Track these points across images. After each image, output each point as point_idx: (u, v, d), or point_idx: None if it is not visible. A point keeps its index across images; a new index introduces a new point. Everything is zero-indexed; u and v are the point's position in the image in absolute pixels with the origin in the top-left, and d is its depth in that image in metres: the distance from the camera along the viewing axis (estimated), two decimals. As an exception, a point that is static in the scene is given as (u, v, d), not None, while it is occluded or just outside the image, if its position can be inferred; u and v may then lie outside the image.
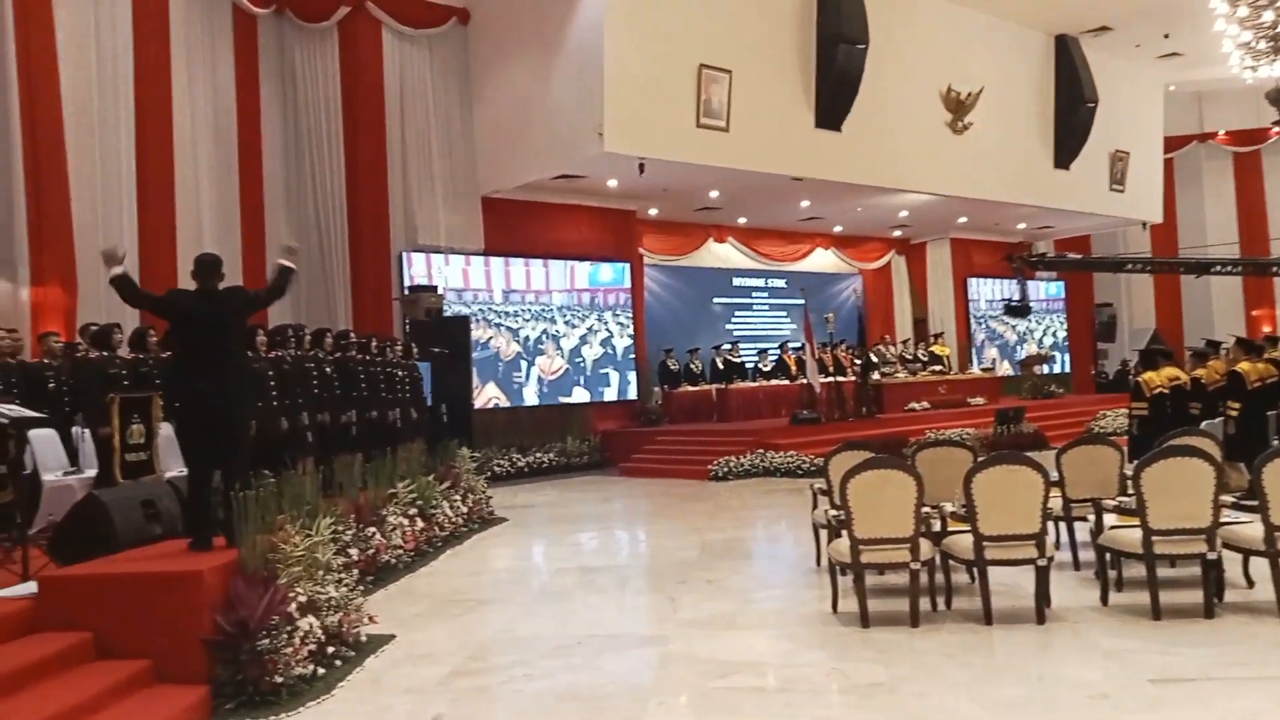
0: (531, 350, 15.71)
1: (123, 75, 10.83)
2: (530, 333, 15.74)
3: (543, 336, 15.89)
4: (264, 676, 4.35)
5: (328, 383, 8.60)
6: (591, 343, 16.43)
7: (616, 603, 6.40)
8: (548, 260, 15.94)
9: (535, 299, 15.79)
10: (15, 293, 9.14)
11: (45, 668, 4.16)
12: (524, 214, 15.54)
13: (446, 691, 4.52)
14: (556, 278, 16.07)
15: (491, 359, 15.19)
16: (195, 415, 5.13)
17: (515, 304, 15.49)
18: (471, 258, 14.93)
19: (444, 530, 8.53)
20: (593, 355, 16.44)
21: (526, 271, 15.75)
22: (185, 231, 11.52)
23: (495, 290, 15.32)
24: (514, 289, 15.55)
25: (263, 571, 4.74)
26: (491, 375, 15.15)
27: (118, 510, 5.33)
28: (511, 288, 15.53)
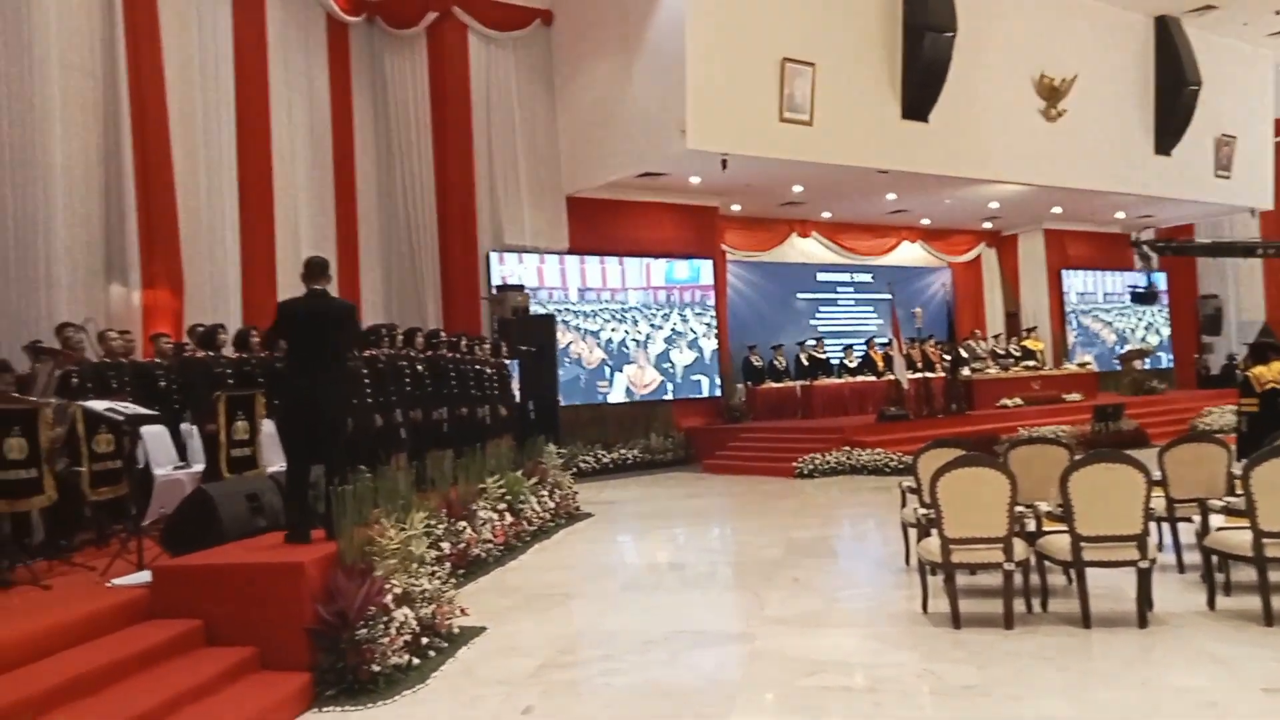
0: (616, 356, 15.76)
1: (224, 87, 11.28)
2: (612, 335, 15.80)
3: (626, 340, 15.91)
4: (362, 665, 4.50)
5: (420, 381, 8.84)
6: (679, 345, 16.43)
7: (702, 599, 6.42)
8: (629, 258, 15.97)
9: (611, 297, 15.84)
10: (128, 296, 9.61)
11: (160, 652, 4.38)
12: (607, 212, 15.66)
13: (537, 684, 4.60)
14: (634, 276, 16.09)
15: (573, 368, 15.24)
16: (298, 412, 5.32)
17: (591, 303, 15.56)
18: (547, 257, 15.06)
19: (532, 525, 8.67)
20: (683, 361, 16.42)
21: (602, 269, 15.77)
22: (283, 235, 11.95)
23: (571, 289, 15.39)
24: (589, 287, 15.61)
25: (360, 564, 4.90)
26: (574, 388, 15.21)
27: (224, 503, 5.57)
28: (587, 285, 15.60)
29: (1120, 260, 21.66)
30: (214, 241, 10.93)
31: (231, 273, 11.13)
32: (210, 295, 10.69)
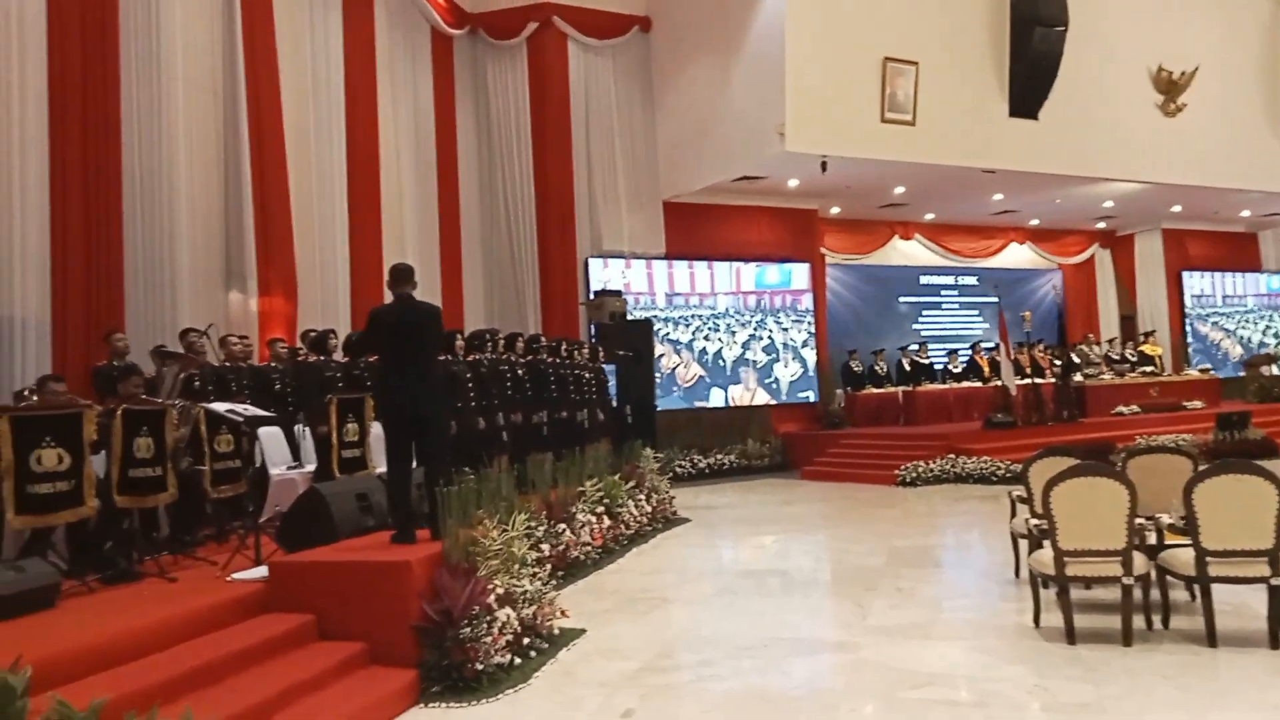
0: (712, 369, 15.68)
1: (334, 101, 11.71)
2: (706, 345, 15.73)
3: (722, 352, 15.80)
4: (466, 663, 4.59)
5: (520, 384, 8.99)
6: (774, 352, 16.28)
7: (802, 606, 6.34)
8: (724, 263, 15.91)
9: (700, 302, 15.76)
10: (245, 303, 10.06)
11: (276, 645, 4.56)
12: (704, 217, 15.66)
13: (636, 687, 4.61)
14: (728, 281, 15.99)
15: (667, 382, 15.22)
16: (398, 415, 5.47)
17: (679, 308, 15.50)
18: (638, 262, 15.10)
19: (629, 529, 8.70)
20: (780, 370, 16.28)
21: (691, 275, 15.72)
22: (390, 243, 12.33)
23: (659, 294, 15.39)
24: (677, 291, 15.57)
25: (464, 563, 5.00)
26: (671, 392, 15.19)
27: (336, 503, 5.76)
28: (675, 290, 15.55)
29: (1246, 260, 20.54)
30: (325, 249, 11.35)
31: (341, 279, 11.53)
32: (321, 301, 11.11)
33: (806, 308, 16.62)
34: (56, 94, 8.16)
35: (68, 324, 8.07)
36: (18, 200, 7.80)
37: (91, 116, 8.46)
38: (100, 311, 8.32)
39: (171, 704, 3.45)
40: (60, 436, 4.94)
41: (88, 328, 8.16)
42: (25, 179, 7.87)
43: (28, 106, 7.93)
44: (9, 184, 7.75)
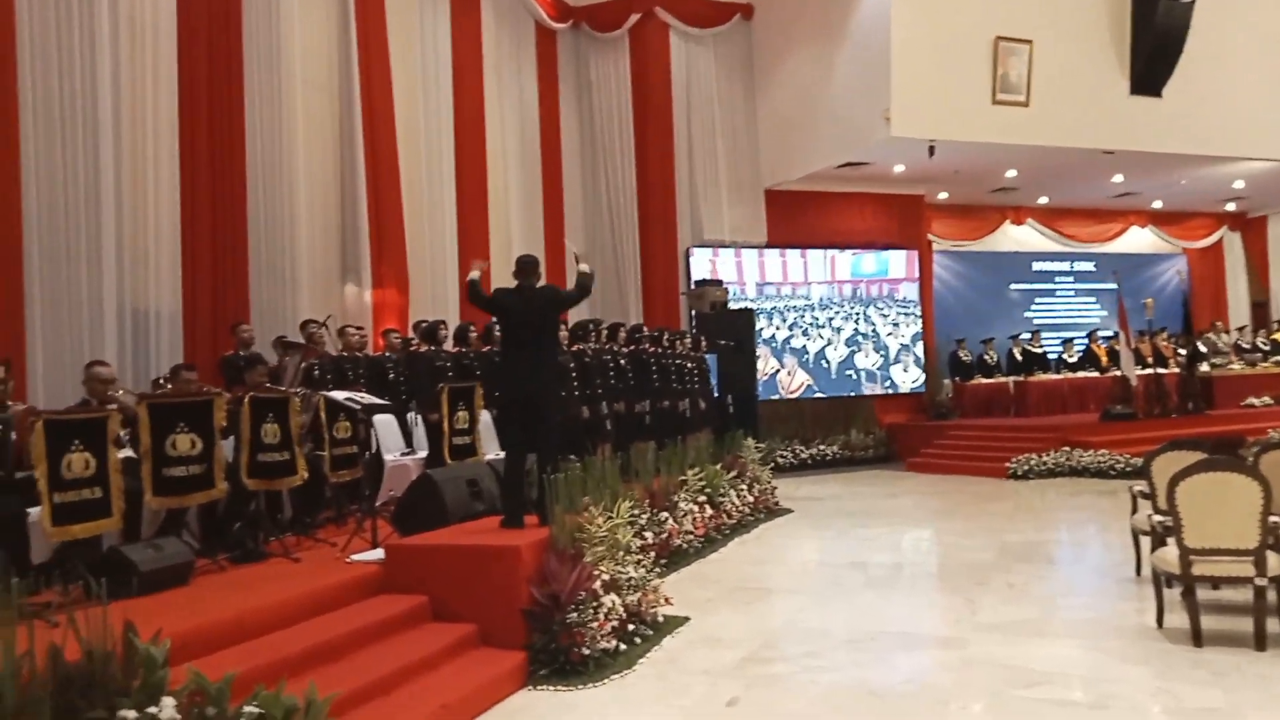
0: (815, 371, 15.49)
1: (443, 98, 12.01)
2: (808, 344, 15.52)
3: (826, 355, 15.56)
4: (573, 647, 4.68)
5: (623, 374, 9.08)
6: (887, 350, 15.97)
7: (909, 601, 6.24)
8: (815, 251, 15.63)
9: (793, 291, 15.52)
10: (360, 295, 10.44)
11: (392, 625, 4.74)
12: (807, 205, 15.47)
13: (741, 676, 4.62)
14: (823, 269, 15.72)
15: (770, 386, 15.10)
16: (513, 402, 5.60)
17: (771, 298, 15.31)
18: (717, 250, 15.00)
19: (731, 518, 8.71)
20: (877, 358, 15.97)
21: (782, 263, 15.50)
22: (496, 235, 12.59)
23: (749, 284, 15.16)
24: (768, 281, 15.37)
25: (571, 549, 5.09)
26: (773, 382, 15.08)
27: (448, 488, 5.94)
28: (766, 279, 15.35)
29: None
30: (434, 243, 11.67)
31: (450, 271, 11.84)
32: (431, 293, 11.43)
33: (905, 296, 16.22)
34: (186, 100, 8.60)
35: (198, 316, 8.52)
36: (152, 202, 8.26)
37: (217, 121, 8.90)
38: (227, 304, 8.76)
39: (296, 678, 3.61)
40: (193, 423, 5.23)
41: (216, 320, 8.61)
42: (159, 182, 8.33)
43: (160, 113, 8.39)
44: (144, 187, 8.22)
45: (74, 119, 7.59)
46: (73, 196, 7.55)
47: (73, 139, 7.57)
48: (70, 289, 7.51)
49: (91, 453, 4.66)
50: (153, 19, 8.38)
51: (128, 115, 8.07)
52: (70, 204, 7.53)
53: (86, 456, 4.63)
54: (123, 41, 8.04)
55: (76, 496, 4.59)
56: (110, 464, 4.75)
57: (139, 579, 4.54)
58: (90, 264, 7.62)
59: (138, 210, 8.14)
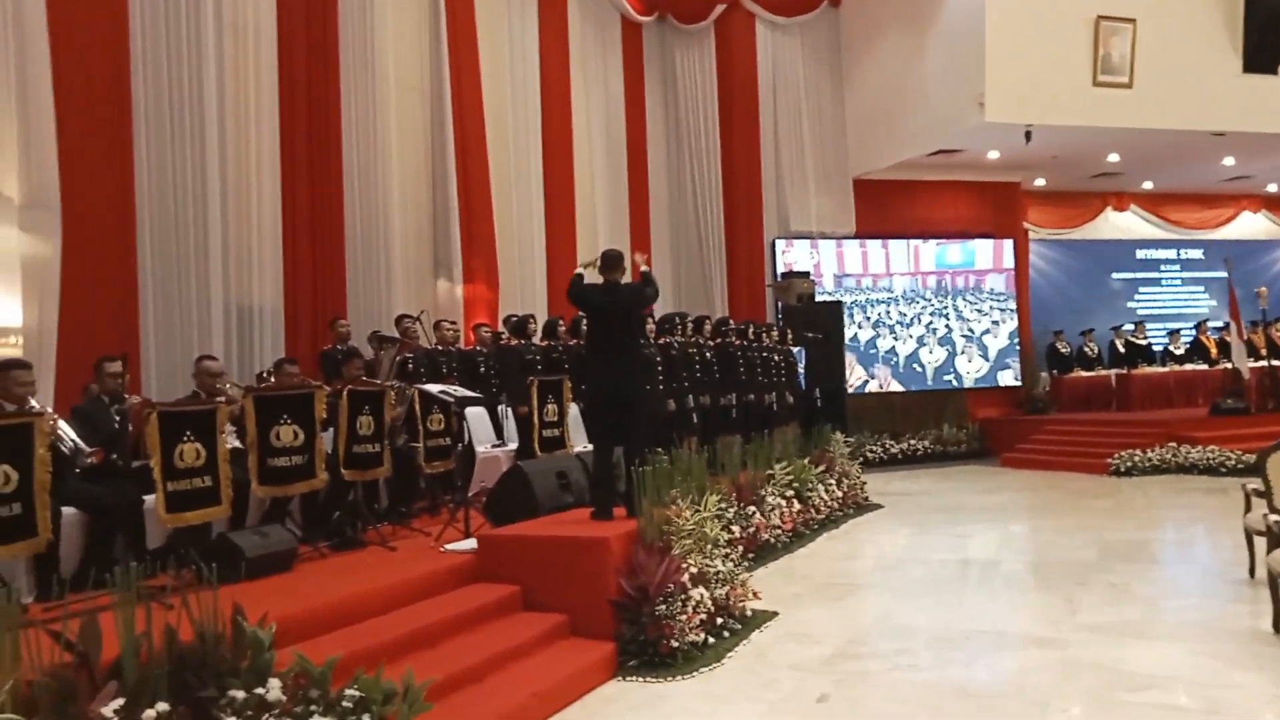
0: (905, 374, 15.18)
1: (531, 95, 12.16)
2: (897, 346, 15.21)
3: (920, 359, 15.23)
4: (661, 639, 4.70)
5: (708, 367, 9.07)
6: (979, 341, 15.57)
7: (1005, 599, 6.08)
8: (895, 240, 15.33)
9: (873, 283, 15.18)
10: (452, 290, 10.66)
11: (485, 613, 4.83)
12: (896, 194, 15.20)
13: (830, 672, 4.58)
14: (905, 260, 15.37)
15: (862, 351, 14.90)
16: (600, 396, 5.65)
17: (850, 290, 15.02)
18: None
19: (819, 513, 8.62)
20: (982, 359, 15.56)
21: (863, 254, 15.21)
22: (583, 230, 12.71)
23: (825, 276, 14.89)
24: (848, 273, 15.09)
25: (659, 542, 5.11)
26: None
27: (538, 480, 6.04)
28: (845, 271, 15.08)
29: None
30: (523, 238, 11.84)
31: (538, 266, 12.00)
32: (520, 287, 11.61)
33: (993, 287, 15.74)
34: (286, 104, 8.90)
35: (298, 312, 8.82)
36: (255, 203, 8.58)
37: (315, 123, 9.18)
38: (325, 300, 9.04)
39: (394, 663, 3.71)
40: (295, 414, 5.42)
41: (315, 315, 8.90)
42: (261, 183, 8.64)
43: (262, 117, 8.70)
44: (248, 189, 8.54)
45: (182, 124, 7.93)
46: (181, 199, 7.89)
47: (181, 144, 7.91)
48: (180, 287, 7.86)
49: (202, 443, 4.87)
50: (254, 24, 8.69)
51: (232, 120, 8.39)
52: (179, 206, 7.88)
53: (197, 447, 4.84)
54: (226, 47, 8.36)
55: (188, 485, 4.81)
56: (219, 454, 4.96)
57: (246, 564, 4.73)
58: (198, 263, 7.96)
59: (241, 211, 8.46)
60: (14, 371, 4.73)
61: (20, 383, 4.70)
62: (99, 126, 7.30)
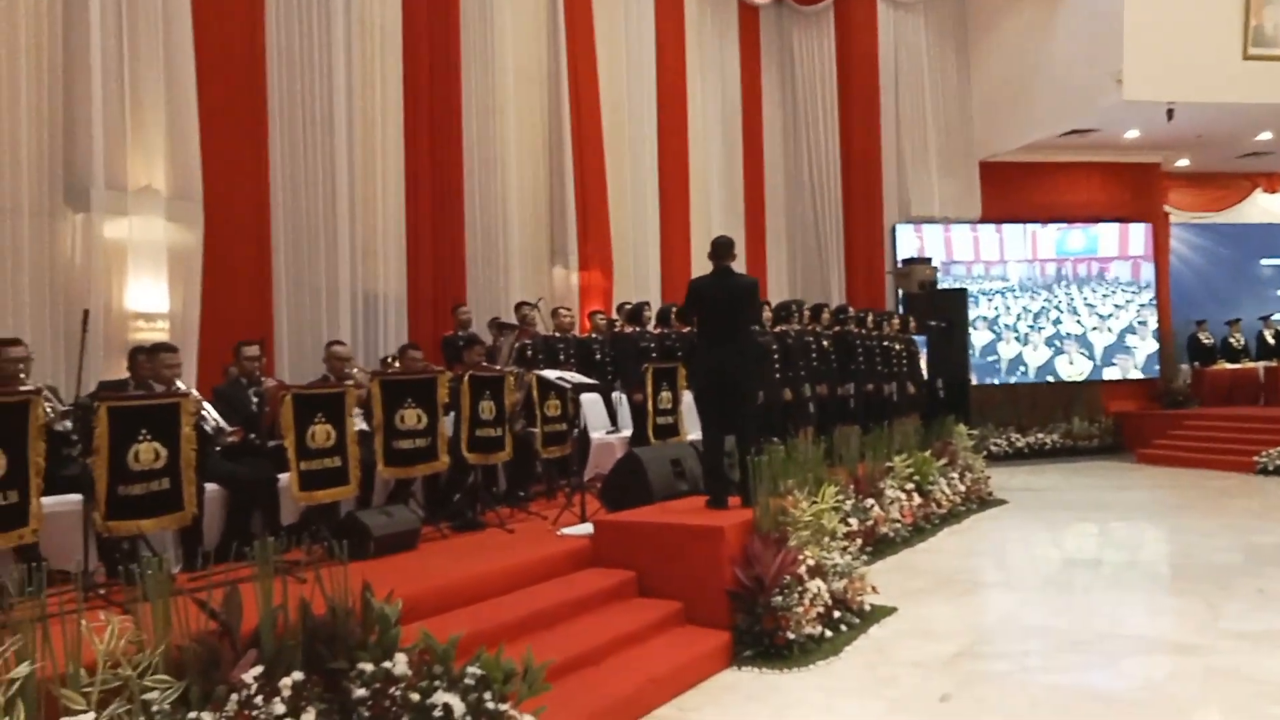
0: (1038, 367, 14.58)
1: (647, 82, 12.17)
2: (1025, 355, 14.60)
3: (1055, 370, 14.58)
4: (778, 630, 4.65)
5: (825, 356, 8.91)
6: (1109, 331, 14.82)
7: (1141, 602, 5.78)
8: (1011, 225, 14.71)
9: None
10: (568, 277, 10.80)
11: (601, 598, 4.87)
12: (1025, 177, 14.64)
13: (953, 672, 4.44)
14: (1022, 246, 14.72)
15: (984, 370, 14.36)
16: (713, 384, 5.60)
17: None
18: (954, 227, 14.33)
19: (941, 508, 8.37)
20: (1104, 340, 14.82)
21: (973, 239, 14.62)
22: (697, 217, 12.67)
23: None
24: (956, 259, 14.49)
25: (774, 533, 5.05)
26: (988, 366, 14.34)
27: (652, 467, 6.04)
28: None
29: None
30: (637, 225, 11.88)
31: (652, 254, 12.03)
32: (634, 275, 11.66)
33: (1117, 275, 14.92)
34: (410, 98, 9.15)
35: (420, 299, 9.08)
36: (380, 195, 8.87)
37: (437, 116, 9.41)
38: (446, 287, 9.29)
39: (513, 643, 3.78)
40: (419, 399, 5.57)
41: (436, 302, 9.15)
42: (386, 175, 8.93)
43: (388, 110, 8.98)
44: (373, 181, 8.84)
45: (313, 119, 8.26)
46: (312, 191, 8.23)
47: (312, 138, 8.24)
48: (310, 276, 8.20)
49: (332, 425, 5.06)
50: (380, 22, 8.96)
51: (359, 114, 8.69)
52: (310, 198, 8.22)
53: (328, 428, 5.04)
54: (355, 45, 8.66)
55: (319, 465, 5.01)
56: (348, 435, 5.14)
57: (374, 543, 4.91)
58: (327, 252, 8.29)
59: (368, 202, 8.76)
60: (162, 354, 5.03)
61: (168, 365, 5.00)
62: (238, 123, 7.68)
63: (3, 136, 6.36)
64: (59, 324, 6.56)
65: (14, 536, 3.80)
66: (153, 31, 7.01)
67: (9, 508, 3.77)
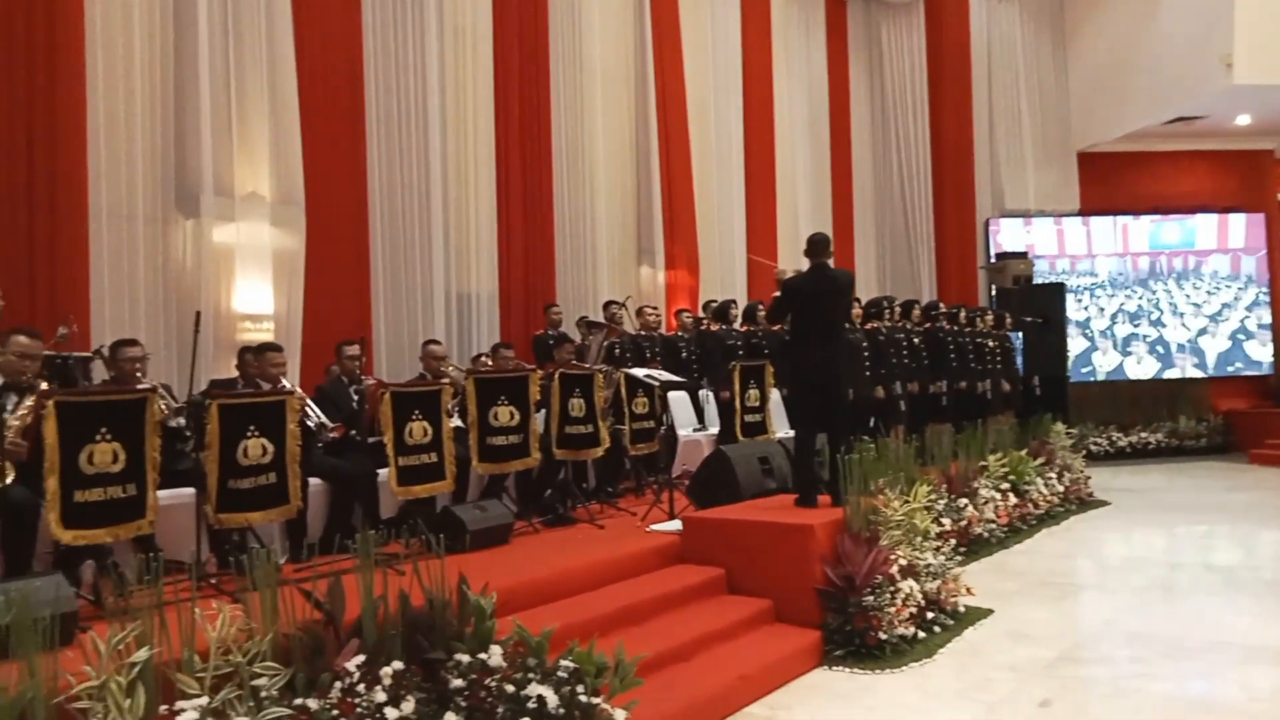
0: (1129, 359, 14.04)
1: (733, 80, 12.13)
2: (1128, 363, 14.03)
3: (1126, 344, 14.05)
4: (869, 631, 4.60)
5: (916, 353, 8.76)
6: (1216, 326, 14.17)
7: (1256, 609, 5.52)
8: (1099, 218, 14.11)
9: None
10: (654, 276, 10.85)
11: (689, 594, 4.89)
12: (1126, 167, 14.09)
13: (1053, 677, 4.32)
14: (1112, 240, 14.11)
15: (1082, 367, 13.90)
16: (806, 382, 5.56)
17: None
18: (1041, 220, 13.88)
19: (1038, 508, 8.14)
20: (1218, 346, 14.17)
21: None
22: (784, 214, 12.57)
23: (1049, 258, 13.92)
24: (1039, 255, 13.86)
25: (865, 532, 4.99)
26: (1085, 362, 13.88)
27: (740, 464, 6.04)
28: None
29: None
30: (723, 223, 11.85)
31: (739, 252, 11.99)
32: (720, 273, 11.64)
33: (1215, 269, 14.20)
34: (500, 100, 9.31)
35: (512, 299, 9.24)
36: (472, 196, 9.05)
37: (527, 117, 9.55)
38: (536, 286, 9.42)
39: (604, 638, 3.81)
40: (512, 396, 5.68)
41: (527, 301, 9.30)
42: (478, 177, 9.10)
43: (479, 113, 9.14)
44: (466, 182, 9.02)
45: (408, 124, 8.48)
46: (408, 194, 8.45)
47: (407, 142, 8.46)
48: (407, 276, 8.43)
49: (429, 422, 5.20)
50: (472, 25, 9.14)
51: (452, 118, 8.88)
52: (405, 201, 8.44)
53: (425, 425, 5.18)
54: (447, 49, 8.86)
55: (417, 460, 5.16)
56: (444, 432, 5.28)
57: (469, 536, 5.03)
58: (422, 254, 8.51)
59: (460, 204, 8.95)
60: (269, 354, 5.24)
61: (274, 364, 5.21)
62: (337, 129, 7.93)
63: (120, 148, 6.72)
64: (172, 325, 6.89)
65: (133, 527, 4.00)
66: (257, 43, 7.31)
67: (128, 500, 3.96)
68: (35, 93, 6.10)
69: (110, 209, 6.64)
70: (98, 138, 6.52)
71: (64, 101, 6.22)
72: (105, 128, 6.60)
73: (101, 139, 6.56)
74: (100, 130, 6.55)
